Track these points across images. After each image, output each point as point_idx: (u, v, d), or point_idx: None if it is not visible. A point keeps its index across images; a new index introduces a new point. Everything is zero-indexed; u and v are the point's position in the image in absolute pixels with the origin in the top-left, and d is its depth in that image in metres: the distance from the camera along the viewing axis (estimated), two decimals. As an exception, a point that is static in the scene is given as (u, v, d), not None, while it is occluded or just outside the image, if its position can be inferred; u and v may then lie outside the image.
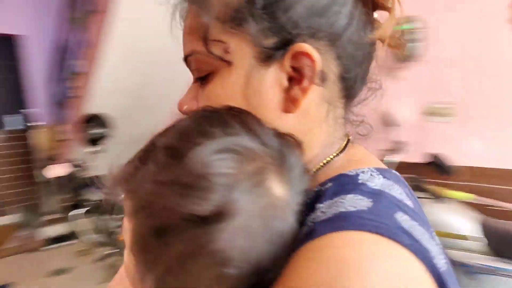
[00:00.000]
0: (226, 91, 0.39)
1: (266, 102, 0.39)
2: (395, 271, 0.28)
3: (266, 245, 0.31)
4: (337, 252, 0.29)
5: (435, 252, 0.32)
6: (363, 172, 0.38)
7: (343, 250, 0.29)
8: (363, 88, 0.44)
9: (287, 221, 0.33)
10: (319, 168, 0.41)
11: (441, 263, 0.32)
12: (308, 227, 0.33)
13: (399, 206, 0.34)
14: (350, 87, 0.42)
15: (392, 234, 0.30)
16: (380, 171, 0.38)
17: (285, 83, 0.38)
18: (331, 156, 0.42)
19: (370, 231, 0.30)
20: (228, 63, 0.39)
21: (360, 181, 0.36)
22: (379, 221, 0.31)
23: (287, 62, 0.38)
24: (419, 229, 0.33)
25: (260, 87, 0.38)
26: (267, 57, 0.38)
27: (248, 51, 0.38)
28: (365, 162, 0.40)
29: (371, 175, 0.37)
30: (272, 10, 0.36)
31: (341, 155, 0.42)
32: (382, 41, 0.40)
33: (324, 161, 0.41)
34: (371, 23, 0.40)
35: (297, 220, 0.34)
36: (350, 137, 0.45)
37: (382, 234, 0.30)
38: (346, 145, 0.43)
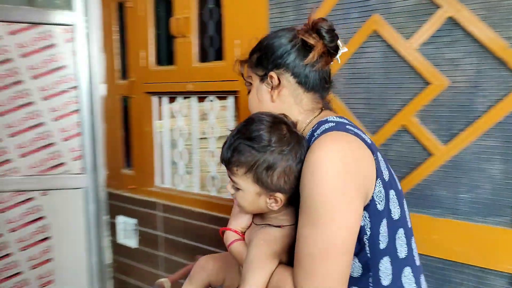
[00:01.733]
0: (252, 97, 0.90)
1: (265, 98, 0.86)
2: (349, 138, 0.73)
3: (295, 150, 0.76)
4: (324, 137, 0.73)
5: (370, 142, 0.77)
6: (329, 117, 0.81)
7: (325, 137, 0.73)
8: (322, 85, 0.86)
9: (297, 140, 0.78)
10: (307, 125, 0.85)
11: (377, 152, 0.77)
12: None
13: (348, 124, 0.78)
14: (307, 86, 0.84)
15: (345, 130, 0.75)
16: (338, 116, 0.83)
17: (269, 89, 0.85)
18: (311, 119, 0.85)
19: (335, 130, 0.75)
20: (251, 84, 0.90)
21: (328, 120, 0.80)
22: (338, 127, 0.75)
23: (268, 80, 0.85)
24: (360, 132, 0.77)
25: (261, 92, 0.87)
26: (261, 79, 0.86)
27: (256, 78, 0.88)
28: (330, 115, 0.83)
29: (333, 117, 0.81)
30: (261, 62, 0.86)
31: (318, 117, 0.85)
32: (315, 63, 0.82)
33: (308, 121, 0.85)
34: (307, 54, 0.81)
35: (303, 140, 0.79)
36: (324, 109, 0.88)
37: (340, 130, 0.74)
38: (320, 112, 0.86)
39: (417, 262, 0.82)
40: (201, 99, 1.76)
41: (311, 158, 0.70)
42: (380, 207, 0.73)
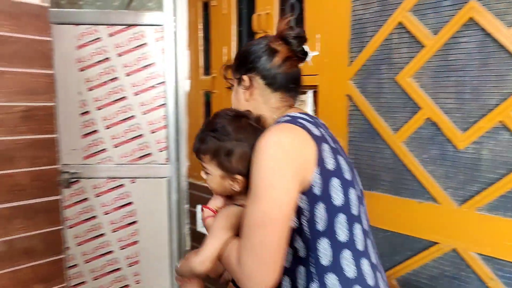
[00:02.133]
0: (233, 97, 1.03)
1: (241, 98, 0.99)
2: (292, 128, 0.85)
3: (251, 139, 0.90)
4: (271, 127, 0.86)
5: (318, 134, 0.87)
6: (291, 113, 0.93)
7: (273, 126, 0.86)
8: (288, 86, 0.96)
9: (253, 131, 0.92)
10: (273, 120, 0.95)
11: (324, 143, 0.86)
12: None
13: (302, 118, 0.89)
14: (274, 87, 0.95)
15: (294, 122, 0.86)
16: (300, 113, 0.93)
17: (243, 90, 0.98)
18: (278, 115, 0.96)
19: (284, 122, 0.88)
20: (232, 86, 1.03)
21: (288, 115, 0.92)
22: (289, 120, 0.87)
23: (242, 82, 0.98)
24: (310, 125, 0.87)
25: (239, 93, 1.00)
26: (238, 82, 0.99)
27: (235, 81, 1.01)
28: (294, 111, 0.94)
29: (294, 113, 0.92)
30: (238, 67, 0.99)
31: (283, 113, 0.95)
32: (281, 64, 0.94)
33: (275, 117, 0.96)
34: (274, 58, 0.94)
35: (259, 131, 0.89)
36: (293, 106, 0.99)
37: (289, 122, 0.87)
38: (288, 110, 0.97)
39: (360, 247, 0.85)
40: (280, 94, 1.78)
41: (257, 144, 0.83)
42: (317, 191, 0.82)
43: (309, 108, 1.65)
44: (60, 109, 2.06)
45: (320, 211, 0.82)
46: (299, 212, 0.83)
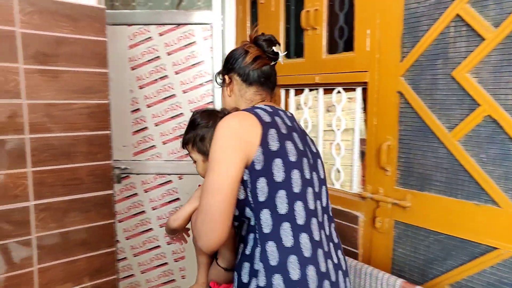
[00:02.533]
0: (221, 94, 1.23)
1: (225, 94, 1.19)
2: (243, 114, 1.00)
3: (215, 126, 1.01)
4: (228, 114, 1.04)
5: (268, 121, 1.00)
6: (257, 105, 1.10)
7: (230, 114, 1.03)
8: (260, 81, 1.13)
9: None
10: None
11: (272, 128, 0.99)
12: None
13: (260, 108, 1.05)
14: (248, 82, 1.13)
15: (249, 110, 1.02)
16: (265, 105, 1.08)
17: (226, 87, 1.18)
18: (251, 107, 1.08)
19: (242, 110, 1.04)
20: (221, 86, 1.22)
21: (254, 105, 1.10)
22: (247, 109, 1.05)
23: (225, 81, 1.18)
24: (264, 113, 1.02)
25: (224, 90, 1.20)
26: (223, 82, 1.20)
27: (221, 82, 1.20)
28: (265, 104, 1.09)
29: (259, 105, 1.09)
30: (222, 72, 1.20)
31: (256, 105, 1.09)
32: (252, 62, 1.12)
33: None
34: (246, 58, 1.12)
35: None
36: (266, 100, 1.15)
37: (245, 110, 1.03)
38: (260, 102, 1.13)
39: (300, 222, 0.96)
40: (327, 91, 1.75)
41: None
42: (258, 167, 0.94)
43: (358, 105, 1.61)
44: (113, 106, 2.14)
45: (262, 184, 0.95)
46: (245, 184, 0.96)
